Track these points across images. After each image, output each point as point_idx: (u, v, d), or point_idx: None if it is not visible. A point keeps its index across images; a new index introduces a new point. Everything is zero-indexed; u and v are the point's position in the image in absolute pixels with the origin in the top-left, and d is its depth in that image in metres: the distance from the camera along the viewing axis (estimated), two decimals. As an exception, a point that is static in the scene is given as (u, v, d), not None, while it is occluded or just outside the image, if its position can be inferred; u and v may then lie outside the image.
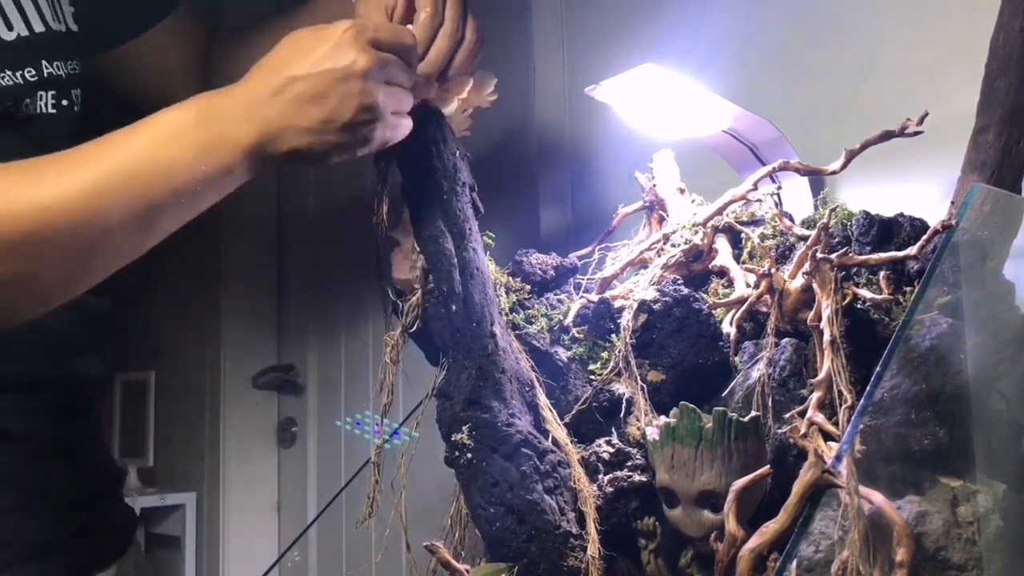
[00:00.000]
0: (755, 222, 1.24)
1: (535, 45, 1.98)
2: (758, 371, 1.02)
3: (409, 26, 0.99)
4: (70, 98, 1.15)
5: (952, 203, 0.98)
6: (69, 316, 1.03)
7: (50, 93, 1.11)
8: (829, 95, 1.45)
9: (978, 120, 0.99)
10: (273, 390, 2.80)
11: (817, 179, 1.34)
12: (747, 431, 0.93)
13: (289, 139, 0.87)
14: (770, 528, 0.82)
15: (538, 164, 1.96)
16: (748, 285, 1.13)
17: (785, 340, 1.02)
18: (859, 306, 0.97)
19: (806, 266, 0.98)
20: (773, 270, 1.03)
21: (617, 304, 1.14)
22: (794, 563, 0.82)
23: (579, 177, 1.91)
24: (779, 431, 0.97)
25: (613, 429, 1.08)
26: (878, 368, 0.86)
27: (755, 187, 1.20)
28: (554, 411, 1.06)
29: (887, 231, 1.03)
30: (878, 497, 0.83)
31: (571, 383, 1.11)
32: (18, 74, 1.06)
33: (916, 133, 1.04)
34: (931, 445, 0.88)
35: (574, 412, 1.08)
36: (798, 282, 1.00)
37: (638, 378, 1.07)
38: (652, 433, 0.99)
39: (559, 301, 1.19)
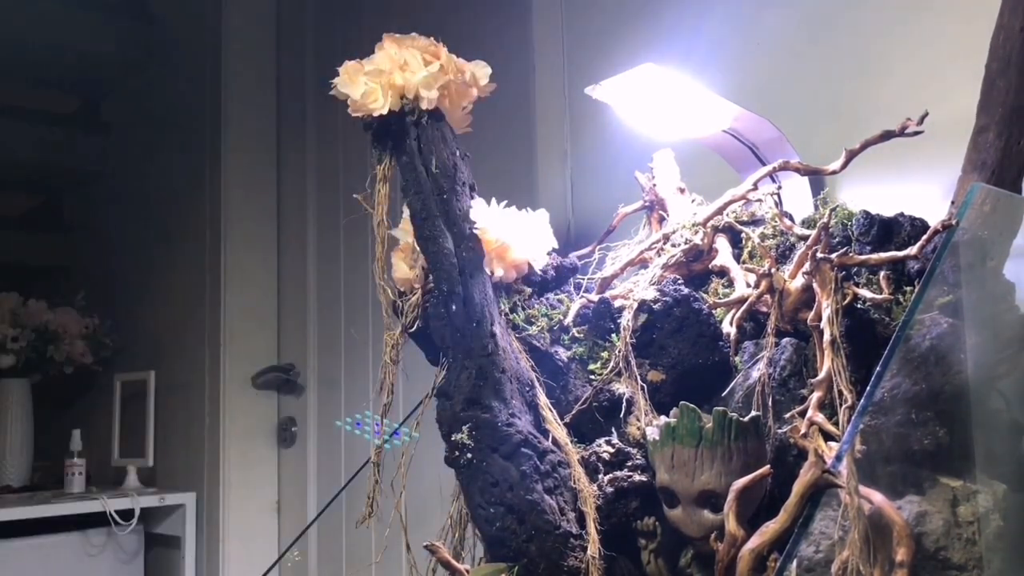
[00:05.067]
0: (755, 222, 1.24)
1: (535, 45, 1.98)
2: (758, 371, 1.02)
3: None
4: None
5: (952, 203, 0.98)
6: None
7: None
8: (829, 95, 1.45)
9: (978, 120, 0.99)
10: (273, 390, 2.80)
11: (817, 179, 1.34)
12: (747, 431, 0.93)
13: None
14: (770, 528, 0.82)
15: (538, 164, 1.96)
16: (748, 285, 1.13)
17: (785, 340, 1.02)
18: (859, 306, 0.97)
19: (806, 266, 0.98)
20: (773, 270, 1.03)
21: (617, 304, 1.14)
22: (794, 563, 0.82)
23: (579, 177, 1.91)
24: (779, 431, 0.97)
25: (613, 429, 1.08)
26: (878, 368, 0.86)
27: (755, 187, 1.20)
28: (554, 411, 1.06)
29: (887, 231, 1.03)
30: (878, 497, 0.83)
31: (571, 383, 1.11)
32: None
33: (916, 133, 1.03)
34: (931, 445, 0.88)
35: (574, 412, 1.08)
36: (798, 282, 1.00)
37: (638, 378, 1.07)
38: (652, 433, 0.99)
39: (559, 301, 1.18)
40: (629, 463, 1.02)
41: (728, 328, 1.10)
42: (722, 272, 1.20)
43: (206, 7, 2.88)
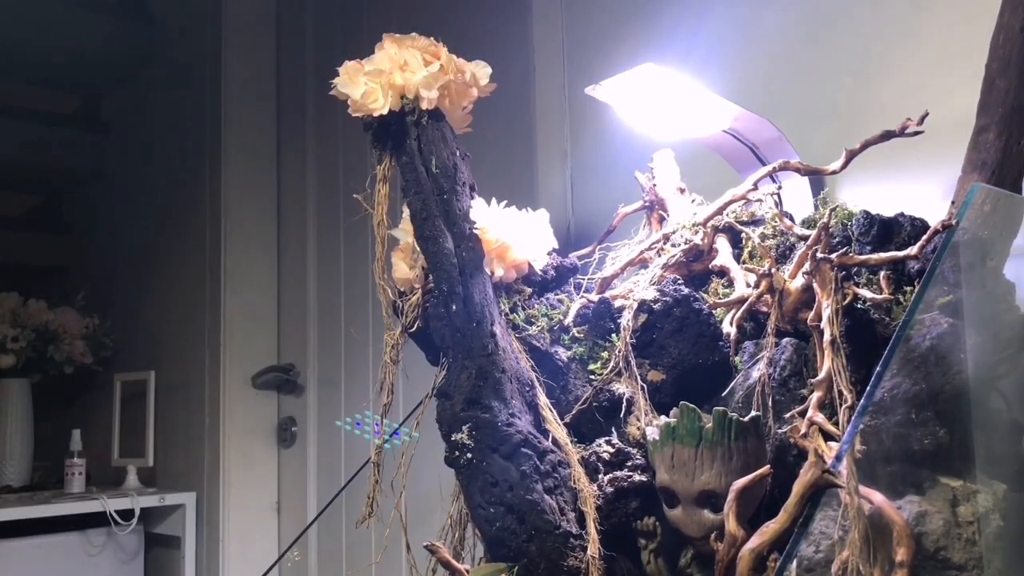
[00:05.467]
0: (755, 222, 1.24)
1: (535, 45, 1.98)
2: (758, 371, 1.01)
3: None
4: None
5: (952, 203, 0.98)
6: None
7: None
8: (829, 95, 1.45)
9: (978, 120, 0.99)
10: (273, 390, 2.80)
11: (817, 179, 1.34)
12: (747, 431, 0.93)
13: None
14: (770, 528, 0.82)
15: (538, 164, 1.96)
16: (748, 285, 1.12)
17: (785, 340, 1.02)
18: (859, 306, 0.97)
19: (806, 266, 0.98)
20: (773, 270, 1.03)
21: (617, 304, 1.14)
22: (794, 563, 0.82)
23: (579, 177, 1.91)
24: (779, 431, 0.97)
25: (613, 429, 1.08)
26: (878, 368, 0.86)
27: (755, 187, 1.20)
28: (554, 411, 1.06)
29: (887, 231, 1.03)
30: (878, 497, 0.83)
31: (571, 383, 1.11)
32: None
33: (916, 133, 1.03)
34: (931, 445, 0.88)
35: (574, 412, 1.08)
36: (798, 282, 1.00)
37: (638, 378, 1.07)
38: (652, 433, 0.99)
39: (559, 301, 1.18)
40: (629, 463, 1.02)
41: (728, 328, 1.10)
42: (722, 272, 1.20)
43: (206, 7, 2.88)
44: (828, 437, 0.86)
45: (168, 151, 3.11)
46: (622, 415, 1.07)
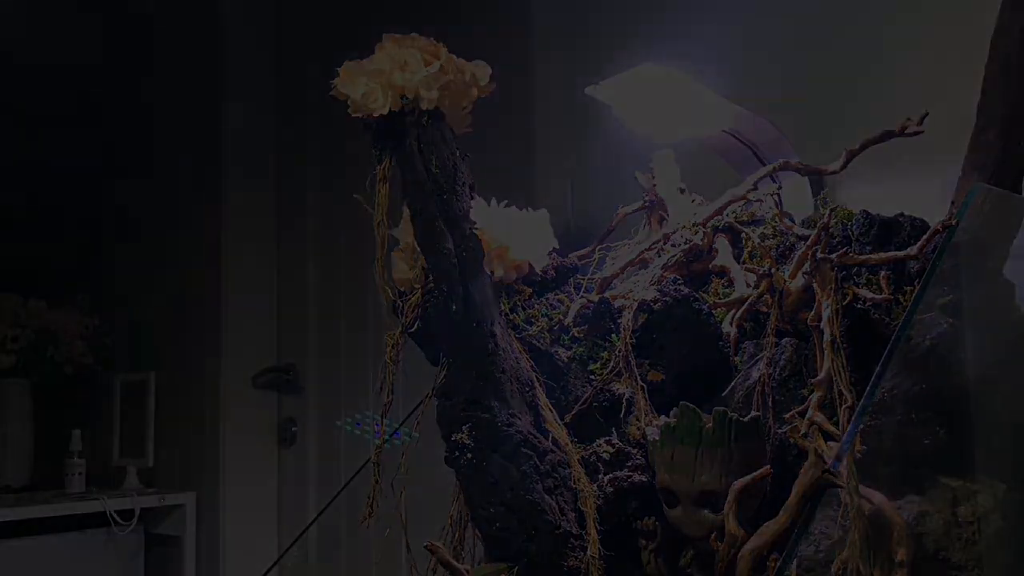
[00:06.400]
0: (755, 222, 1.24)
1: (535, 45, 1.98)
2: (758, 371, 1.01)
3: None
4: None
5: (952, 203, 0.98)
6: None
7: None
8: (829, 95, 1.45)
9: (978, 120, 0.99)
10: (273, 390, 2.80)
11: (817, 179, 1.34)
12: (747, 431, 0.93)
13: None
14: (770, 528, 0.82)
15: (538, 164, 1.96)
16: (748, 285, 1.13)
17: (785, 340, 1.02)
18: (859, 306, 0.97)
19: (806, 266, 0.98)
20: (773, 270, 1.03)
21: (617, 304, 1.14)
22: (794, 563, 0.82)
23: (579, 177, 1.91)
24: (779, 431, 0.97)
25: (613, 429, 1.08)
26: (878, 368, 0.86)
27: (755, 187, 1.20)
28: (554, 411, 1.06)
29: (887, 231, 1.03)
30: (878, 497, 0.83)
31: (571, 383, 1.11)
32: None
33: (916, 133, 1.03)
34: (931, 445, 0.88)
35: (574, 412, 1.08)
36: (798, 282, 1.00)
37: (638, 378, 1.07)
38: (652, 433, 0.99)
39: (559, 301, 1.18)
40: (629, 463, 1.02)
41: (728, 328, 1.10)
42: (722, 272, 1.20)
43: (205, 7, 2.88)
44: (828, 437, 0.86)
45: (168, 151, 3.11)
46: (622, 415, 1.07)
